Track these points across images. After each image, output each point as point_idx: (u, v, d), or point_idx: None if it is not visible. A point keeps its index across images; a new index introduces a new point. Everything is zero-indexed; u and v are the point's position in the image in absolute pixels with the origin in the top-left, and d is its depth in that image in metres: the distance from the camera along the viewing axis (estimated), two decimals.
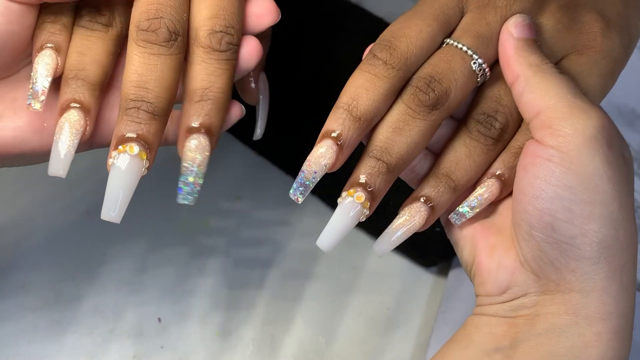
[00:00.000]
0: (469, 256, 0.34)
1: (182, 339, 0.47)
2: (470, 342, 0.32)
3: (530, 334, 0.31)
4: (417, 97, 0.32)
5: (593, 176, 0.30)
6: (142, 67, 0.30)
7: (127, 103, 0.30)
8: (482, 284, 0.34)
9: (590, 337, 0.30)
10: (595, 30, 0.34)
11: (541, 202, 0.30)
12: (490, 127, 0.33)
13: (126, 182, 0.30)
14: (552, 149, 0.30)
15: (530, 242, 0.31)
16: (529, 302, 0.32)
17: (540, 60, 0.32)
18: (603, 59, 0.34)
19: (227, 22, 0.32)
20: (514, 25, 0.33)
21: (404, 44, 0.32)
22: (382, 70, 0.32)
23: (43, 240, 0.50)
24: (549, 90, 0.31)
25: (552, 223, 0.30)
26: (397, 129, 0.32)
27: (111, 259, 0.49)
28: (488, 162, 0.33)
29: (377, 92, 0.31)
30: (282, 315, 0.48)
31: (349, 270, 0.50)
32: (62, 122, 0.30)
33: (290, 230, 0.52)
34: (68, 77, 0.31)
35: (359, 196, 0.31)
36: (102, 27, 0.32)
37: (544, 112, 0.31)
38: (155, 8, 0.31)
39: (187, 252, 0.50)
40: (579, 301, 0.30)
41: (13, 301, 0.47)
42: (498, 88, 0.33)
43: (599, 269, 0.30)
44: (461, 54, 0.32)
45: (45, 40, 0.31)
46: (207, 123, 0.31)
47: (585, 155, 0.30)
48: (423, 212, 0.33)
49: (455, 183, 0.33)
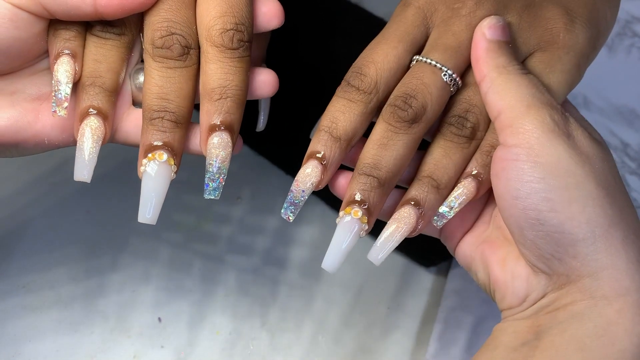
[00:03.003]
0: (484, 276, 0.35)
1: (182, 339, 0.47)
2: (498, 343, 0.33)
3: (553, 324, 0.32)
4: (396, 114, 0.33)
5: (560, 162, 0.31)
6: (161, 80, 0.32)
7: (151, 114, 0.32)
8: (503, 298, 0.34)
9: (613, 315, 0.30)
10: (559, 26, 0.35)
11: (521, 202, 0.31)
12: (462, 128, 0.34)
13: (158, 186, 0.32)
14: (515, 148, 0.31)
15: (527, 244, 0.32)
16: (549, 301, 0.32)
17: (508, 62, 0.33)
18: (566, 55, 0.35)
19: (237, 20, 0.32)
20: (488, 27, 0.34)
21: (372, 69, 0.34)
22: (355, 95, 0.34)
23: (43, 240, 0.50)
24: (509, 90, 0.32)
25: (537, 217, 0.31)
26: (382, 145, 0.33)
27: (111, 259, 0.49)
28: (466, 159, 0.34)
29: (352, 114, 0.34)
30: (282, 315, 0.48)
31: (349, 270, 0.51)
32: (84, 128, 0.32)
33: (290, 230, 0.52)
34: (85, 84, 0.32)
35: (355, 211, 0.33)
36: (116, 36, 0.33)
37: (504, 112, 0.32)
38: (166, 25, 0.32)
39: (187, 252, 0.50)
40: (592, 284, 0.31)
41: (13, 301, 0.47)
42: (468, 90, 0.35)
43: (598, 247, 0.31)
44: (431, 69, 0.34)
45: (61, 47, 0.32)
46: (227, 120, 0.32)
47: (547, 145, 0.31)
48: (412, 215, 0.34)
49: (437, 182, 0.34)
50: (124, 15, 0.32)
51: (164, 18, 0.32)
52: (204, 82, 0.33)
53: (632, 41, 0.59)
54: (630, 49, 0.59)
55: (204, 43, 0.33)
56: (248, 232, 0.52)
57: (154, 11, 0.33)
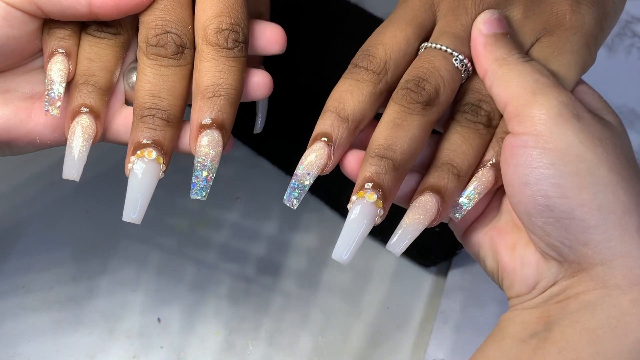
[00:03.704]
0: (492, 263, 0.34)
1: (182, 339, 0.47)
2: (505, 334, 0.32)
3: (564, 314, 0.31)
4: (409, 96, 0.32)
5: (571, 148, 0.30)
6: (154, 77, 0.32)
7: (142, 111, 0.32)
8: (511, 286, 0.33)
9: (626, 305, 0.29)
10: (564, 9, 0.34)
11: (530, 188, 0.30)
12: (477, 115, 0.33)
13: (145, 185, 0.31)
14: (524, 135, 0.31)
15: (536, 230, 0.31)
16: (559, 290, 0.31)
17: (507, 53, 0.33)
18: (574, 35, 0.34)
19: (233, 20, 0.32)
20: (483, 22, 0.33)
21: (381, 50, 0.33)
22: (364, 75, 0.33)
23: (43, 240, 0.50)
24: (512, 80, 0.32)
25: (546, 204, 0.30)
26: (396, 125, 0.32)
27: (111, 259, 0.49)
28: (484, 146, 0.33)
29: (361, 94, 0.32)
30: (282, 315, 0.48)
31: (349, 270, 0.50)
32: (75, 126, 0.32)
33: (290, 230, 0.52)
34: (78, 82, 0.32)
35: (370, 195, 0.31)
36: (111, 36, 0.33)
37: (510, 102, 0.31)
38: (161, 24, 0.32)
39: (187, 252, 0.50)
40: (605, 272, 0.30)
41: (13, 301, 0.47)
42: (478, 81, 0.34)
43: (611, 235, 0.30)
44: (442, 53, 0.33)
45: (55, 46, 0.32)
46: (219, 119, 0.32)
47: (555, 131, 0.30)
48: (433, 203, 0.32)
49: (457, 169, 0.33)
50: (119, 16, 0.32)
51: (159, 17, 0.32)
52: (197, 80, 0.32)
53: (632, 41, 0.59)
54: (630, 49, 0.59)
55: (199, 42, 0.32)
56: (247, 232, 0.52)
57: (149, 10, 0.32)
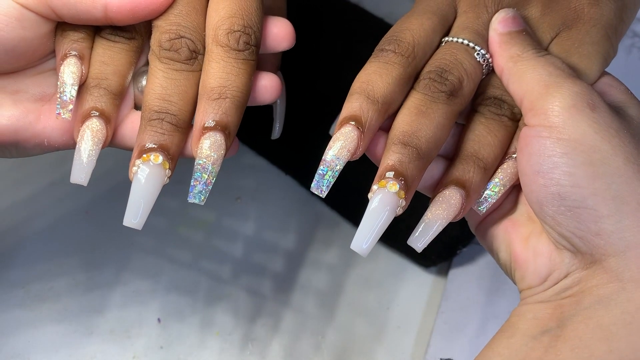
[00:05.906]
0: (505, 255, 0.34)
1: (182, 339, 0.47)
2: (516, 330, 0.31)
3: (577, 310, 0.30)
4: (433, 85, 0.32)
5: (585, 138, 0.30)
6: (165, 81, 0.31)
7: (151, 114, 0.31)
8: (523, 277, 0.33)
9: None
10: (582, 2, 0.35)
11: (543, 176, 0.30)
12: (500, 107, 0.33)
13: (149, 190, 0.31)
14: (538, 127, 0.30)
15: (548, 220, 0.31)
16: (572, 282, 0.31)
17: (522, 50, 0.33)
18: (593, 27, 0.34)
19: (245, 22, 0.32)
20: (498, 21, 0.34)
21: (409, 35, 0.33)
22: (392, 57, 0.32)
23: (43, 241, 0.50)
24: (526, 76, 0.32)
25: (558, 192, 0.30)
26: (421, 112, 0.31)
27: (111, 259, 0.49)
28: (509, 138, 0.33)
29: (390, 76, 0.32)
30: (282, 315, 0.48)
31: (349, 271, 0.50)
32: (84, 130, 0.31)
33: (290, 231, 0.52)
34: (90, 85, 0.32)
35: (393, 184, 0.30)
36: (125, 40, 0.32)
37: (525, 97, 0.31)
38: (175, 29, 0.32)
39: (187, 252, 0.50)
40: (619, 264, 0.29)
41: (13, 301, 0.47)
42: (498, 78, 0.34)
43: (625, 225, 0.29)
44: (464, 47, 0.33)
45: (68, 48, 0.32)
46: (224, 121, 0.31)
47: (569, 122, 0.30)
48: (458, 197, 0.31)
49: (484, 162, 0.32)
50: (135, 22, 0.32)
51: (174, 22, 0.32)
52: (204, 81, 0.32)
53: (632, 41, 0.59)
54: (630, 49, 0.59)
55: (209, 42, 0.32)
56: (248, 233, 0.52)
57: (163, 15, 0.32)
